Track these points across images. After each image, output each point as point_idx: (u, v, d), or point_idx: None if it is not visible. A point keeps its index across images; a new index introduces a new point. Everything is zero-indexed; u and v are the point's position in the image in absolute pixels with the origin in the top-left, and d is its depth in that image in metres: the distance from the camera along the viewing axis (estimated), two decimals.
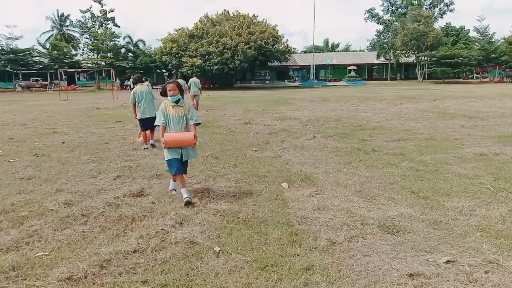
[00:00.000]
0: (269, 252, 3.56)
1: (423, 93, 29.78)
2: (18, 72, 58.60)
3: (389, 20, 72.81)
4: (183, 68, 48.32)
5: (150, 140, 9.54)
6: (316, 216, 4.45)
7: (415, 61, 63.70)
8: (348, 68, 64.20)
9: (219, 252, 3.59)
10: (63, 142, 9.99)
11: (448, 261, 3.28)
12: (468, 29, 70.54)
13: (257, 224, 4.24)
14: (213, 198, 5.17)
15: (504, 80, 57.82)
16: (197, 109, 19.76)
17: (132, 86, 10.28)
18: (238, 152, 8.30)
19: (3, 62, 54.47)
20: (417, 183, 5.68)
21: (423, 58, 60.47)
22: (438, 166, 6.64)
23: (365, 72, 70.04)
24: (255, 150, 8.46)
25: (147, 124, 9.22)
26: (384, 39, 73.34)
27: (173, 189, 5.53)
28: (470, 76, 68.06)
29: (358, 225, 4.15)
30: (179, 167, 5.19)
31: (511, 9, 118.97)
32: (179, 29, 53.12)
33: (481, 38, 63.51)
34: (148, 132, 9.33)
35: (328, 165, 6.94)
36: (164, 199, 5.16)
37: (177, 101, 5.21)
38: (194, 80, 19.74)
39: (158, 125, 5.30)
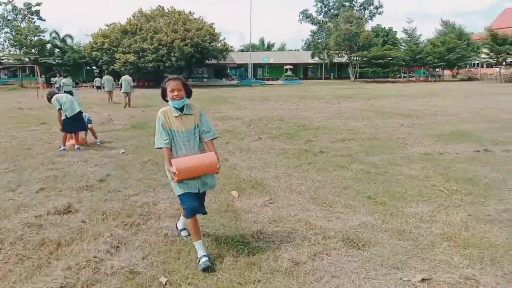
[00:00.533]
0: (225, 280, 3.06)
1: (357, 92, 30.67)
2: None
3: (322, 21, 74.88)
4: (115, 65, 45.96)
5: (75, 145, 8.64)
6: (273, 230, 4.02)
7: (347, 61, 65.88)
8: (285, 67, 65.00)
9: (165, 284, 3.03)
10: None
11: (423, 279, 2.99)
12: (396, 31, 74.35)
13: (208, 243, 3.72)
14: (154, 214, 4.56)
15: (428, 79, 61.59)
16: (129, 106, 18.83)
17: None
18: None
19: None
20: (371, 187, 5.46)
21: (355, 58, 62.74)
22: (388, 168, 6.51)
23: (301, 72, 71.32)
24: None
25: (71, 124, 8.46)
26: (318, 39, 75.22)
27: (184, 229, 3.92)
28: (398, 76, 71.77)
29: (320, 239, 3.77)
30: (196, 205, 3.47)
31: (432, 13, 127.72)
32: (110, 24, 50.64)
33: (409, 39, 67.14)
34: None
35: (278, 169, 6.56)
36: (96, 217, 4.46)
37: (182, 108, 3.59)
38: (126, 77, 20.27)
39: (161, 147, 3.58)
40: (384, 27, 76.68)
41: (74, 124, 8.64)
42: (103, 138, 9.94)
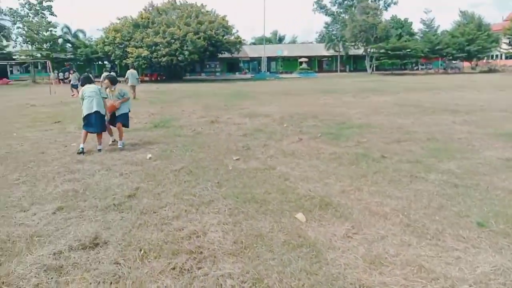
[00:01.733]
0: None
1: (380, 85, 29.27)
2: None
3: (337, 12, 73.10)
4: (128, 59, 44.97)
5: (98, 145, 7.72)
6: (378, 280, 2.91)
7: (364, 53, 64.17)
8: (300, 60, 63.48)
9: None
10: None
11: None
12: (411, 22, 72.29)
13: None
14: (208, 250, 3.47)
15: (448, 71, 59.69)
16: (134, 98, 18.26)
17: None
18: (216, 163, 6.59)
19: None
20: (472, 207, 4.31)
21: (372, 50, 60.97)
22: (474, 178, 5.34)
23: (315, 64, 69.73)
24: (237, 159, 6.80)
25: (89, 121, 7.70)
26: (332, 31, 73.55)
27: None
28: (415, 68, 69.85)
29: None
30: None
31: (445, 4, 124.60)
32: (122, 18, 49.64)
33: (427, 30, 65.21)
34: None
35: (340, 180, 5.44)
36: (132, 254, 3.40)
37: None
38: (132, 71, 21.33)
39: None
40: (400, 18, 74.76)
41: (89, 123, 7.67)
42: (126, 139, 8.92)
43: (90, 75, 8.59)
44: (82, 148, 7.60)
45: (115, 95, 8.21)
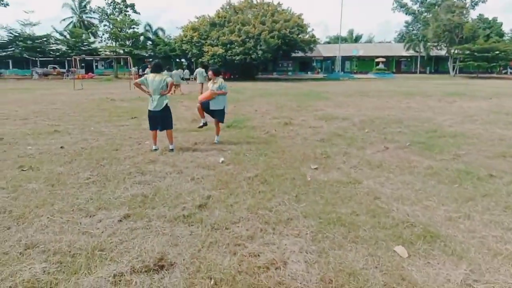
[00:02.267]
0: None
1: (466, 88, 26.84)
2: (36, 59, 57.25)
3: (418, 11, 69.17)
4: (203, 57, 45.99)
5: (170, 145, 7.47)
6: None
7: (447, 54, 60.01)
8: (376, 60, 60.90)
9: None
10: (61, 147, 7.83)
11: None
12: (501, 22, 66.34)
13: None
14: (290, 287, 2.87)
15: None
16: (201, 93, 18.39)
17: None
18: (293, 171, 5.98)
19: (20, 49, 53.00)
20: None
21: (455, 51, 56.76)
22: None
23: (393, 65, 66.59)
24: (315, 168, 6.14)
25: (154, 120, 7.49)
26: (413, 30, 69.76)
27: None
28: (504, 72, 64.03)
29: None
30: None
31: None
32: (200, 17, 50.77)
33: None
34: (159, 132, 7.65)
35: (443, 203, 4.57)
36: (201, 283, 2.90)
37: None
38: (200, 70, 23.19)
39: None
40: (487, 18, 68.96)
41: (153, 122, 7.45)
42: (197, 138, 8.65)
43: (161, 64, 8.08)
44: (156, 149, 7.43)
45: (216, 87, 8.03)
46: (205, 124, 8.49)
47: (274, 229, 3.88)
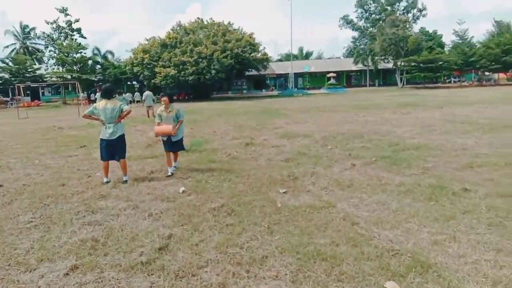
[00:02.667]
0: None
1: (416, 99, 27.70)
2: None
3: (364, 26, 71.91)
4: (156, 79, 45.07)
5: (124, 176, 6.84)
6: None
7: (394, 67, 62.48)
8: (328, 75, 62.27)
9: None
10: (0, 185, 6.97)
11: None
12: (441, 34, 70.02)
13: None
14: None
15: (483, 83, 57.28)
16: (148, 116, 20.70)
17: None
18: (261, 197, 5.54)
19: None
20: None
21: (402, 64, 59.19)
22: None
23: (344, 79, 68.42)
24: (284, 192, 5.74)
25: (109, 150, 6.82)
26: (360, 45, 72.32)
27: None
28: (448, 81, 67.47)
29: None
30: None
31: (472, 14, 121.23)
32: (150, 39, 49.95)
33: (460, 41, 63.11)
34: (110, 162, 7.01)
35: (424, 224, 4.27)
36: None
37: None
38: (148, 93, 22.88)
39: None
40: (428, 31, 72.76)
41: (108, 151, 6.80)
42: (153, 166, 8.03)
43: (113, 88, 7.35)
44: (108, 181, 6.77)
45: (172, 117, 7.33)
46: (172, 174, 7.22)
47: (249, 272, 3.40)
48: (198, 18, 51.42)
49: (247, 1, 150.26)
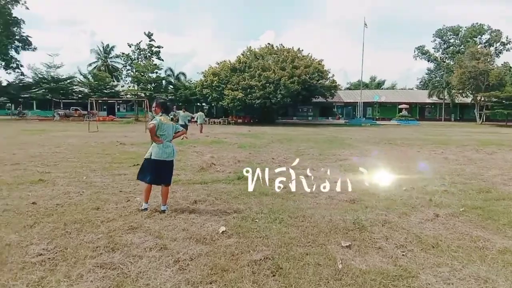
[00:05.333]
0: None
1: (501, 138, 24.88)
2: (59, 101, 57.96)
3: (440, 58, 68.32)
4: (223, 101, 45.62)
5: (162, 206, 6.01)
6: None
7: (472, 102, 58.20)
8: (399, 106, 59.42)
9: None
10: (33, 203, 6.43)
11: None
12: None
13: None
14: None
15: None
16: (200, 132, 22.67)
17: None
18: (317, 251, 4.38)
19: (43, 90, 53.83)
20: None
21: (482, 98, 54.89)
22: None
23: (417, 112, 64.91)
24: (347, 246, 4.53)
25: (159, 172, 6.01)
26: (435, 77, 68.66)
27: None
28: None
29: None
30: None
31: None
32: (221, 62, 50.85)
33: None
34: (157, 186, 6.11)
35: None
36: None
37: None
38: (201, 113, 27.69)
39: None
40: None
41: (157, 174, 5.99)
42: (199, 195, 7.16)
43: (169, 103, 6.66)
44: (145, 208, 6.00)
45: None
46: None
47: None
48: (268, 43, 51.62)
49: (319, 29, 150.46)
